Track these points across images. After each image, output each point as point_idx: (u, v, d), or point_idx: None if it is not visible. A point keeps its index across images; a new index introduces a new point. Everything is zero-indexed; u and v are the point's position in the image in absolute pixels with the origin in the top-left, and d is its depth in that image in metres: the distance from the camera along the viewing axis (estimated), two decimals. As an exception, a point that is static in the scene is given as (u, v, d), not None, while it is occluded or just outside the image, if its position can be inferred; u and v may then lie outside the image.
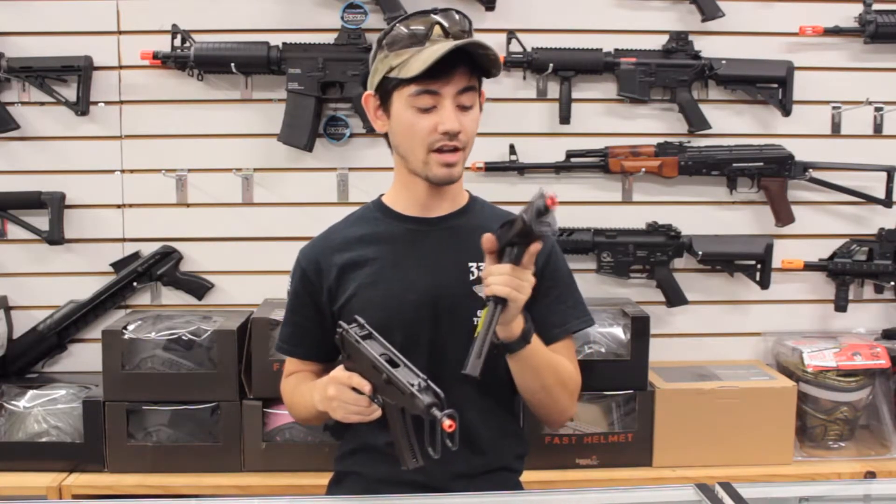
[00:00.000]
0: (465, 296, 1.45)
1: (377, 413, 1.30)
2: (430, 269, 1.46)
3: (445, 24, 1.38)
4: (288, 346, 1.57)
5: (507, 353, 1.37)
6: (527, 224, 1.24)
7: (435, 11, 1.40)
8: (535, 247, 1.27)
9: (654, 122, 2.31)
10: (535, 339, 1.39)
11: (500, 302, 1.26)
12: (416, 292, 1.44)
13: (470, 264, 1.46)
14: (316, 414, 1.45)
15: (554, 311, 1.50)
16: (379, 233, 1.50)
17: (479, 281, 1.45)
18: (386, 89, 1.42)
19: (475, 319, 1.44)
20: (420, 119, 1.39)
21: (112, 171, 2.26)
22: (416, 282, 1.45)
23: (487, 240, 1.30)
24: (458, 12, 1.42)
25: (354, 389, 1.29)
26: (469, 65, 1.38)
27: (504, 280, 1.26)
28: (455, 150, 1.40)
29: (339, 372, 1.33)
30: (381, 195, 1.56)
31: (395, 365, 1.24)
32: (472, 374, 1.22)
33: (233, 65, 2.15)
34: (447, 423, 1.13)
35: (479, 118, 1.46)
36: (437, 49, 1.33)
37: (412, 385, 1.19)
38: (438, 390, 1.18)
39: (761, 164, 2.26)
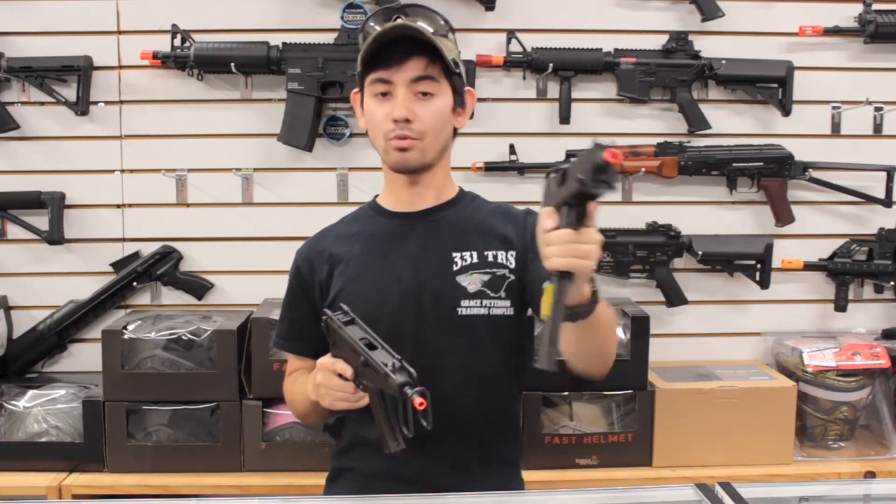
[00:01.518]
0: (449, 286, 1.45)
1: (364, 400, 1.31)
2: (414, 261, 1.47)
3: (407, 17, 1.41)
4: (284, 341, 1.59)
5: (574, 321, 1.22)
6: (584, 185, 1.06)
7: (401, 7, 1.43)
8: (594, 206, 1.12)
9: (653, 122, 2.31)
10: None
11: (566, 276, 1.11)
12: (400, 284, 1.45)
13: (454, 254, 1.47)
14: (312, 407, 1.45)
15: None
16: (369, 230, 1.52)
17: (462, 271, 1.46)
18: (361, 85, 1.46)
19: (459, 310, 1.43)
20: (378, 108, 1.42)
21: (112, 171, 2.26)
22: (401, 274, 1.46)
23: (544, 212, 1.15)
24: (425, 8, 1.45)
25: (340, 376, 1.30)
26: (428, 54, 1.39)
27: (565, 250, 1.11)
28: (406, 137, 1.41)
29: (325, 358, 1.35)
30: (377, 196, 1.58)
31: (373, 348, 1.25)
32: (548, 367, 1.09)
33: (233, 65, 2.15)
34: (418, 400, 1.14)
35: (462, 119, 1.48)
36: (379, 30, 1.38)
37: (386, 365, 1.20)
38: (412, 370, 1.19)
39: (761, 163, 2.26)
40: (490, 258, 1.47)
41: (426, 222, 1.50)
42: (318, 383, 1.34)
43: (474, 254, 1.47)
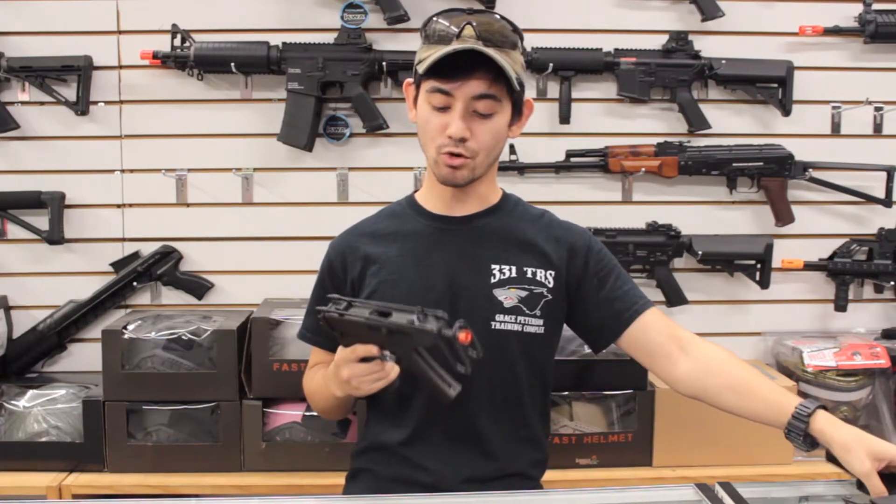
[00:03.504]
0: (484, 297, 1.43)
1: (396, 370, 1.27)
2: (451, 268, 1.44)
3: (480, 24, 1.34)
4: (312, 335, 1.56)
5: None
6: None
7: (472, 12, 1.38)
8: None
9: (654, 122, 2.31)
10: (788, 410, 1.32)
11: None
12: (435, 292, 1.42)
13: (492, 266, 1.44)
14: (336, 404, 1.45)
15: (617, 297, 1.49)
16: (405, 230, 1.49)
17: (500, 284, 1.43)
18: (416, 81, 1.41)
19: (493, 324, 1.43)
20: (433, 117, 1.37)
21: (112, 171, 2.26)
22: (437, 281, 1.43)
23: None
24: (499, 15, 1.40)
25: (364, 360, 1.26)
26: (494, 72, 1.34)
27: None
28: (460, 155, 1.37)
29: (341, 353, 1.30)
30: (415, 191, 1.55)
31: (387, 315, 1.22)
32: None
33: (233, 64, 2.15)
34: (462, 335, 1.12)
35: (515, 130, 1.43)
36: (449, 48, 1.32)
37: (412, 323, 1.17)
38: (437, 312, 1.17)
39: (761, 163, 2.26)
40: (529, 274, 1.45)
41: (467, 229, 1.47)
42: (346, 379, 1.29)
43: (513, 268, 1.45)
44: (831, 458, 1.28)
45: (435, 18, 1.38)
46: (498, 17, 1.39)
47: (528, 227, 1.50)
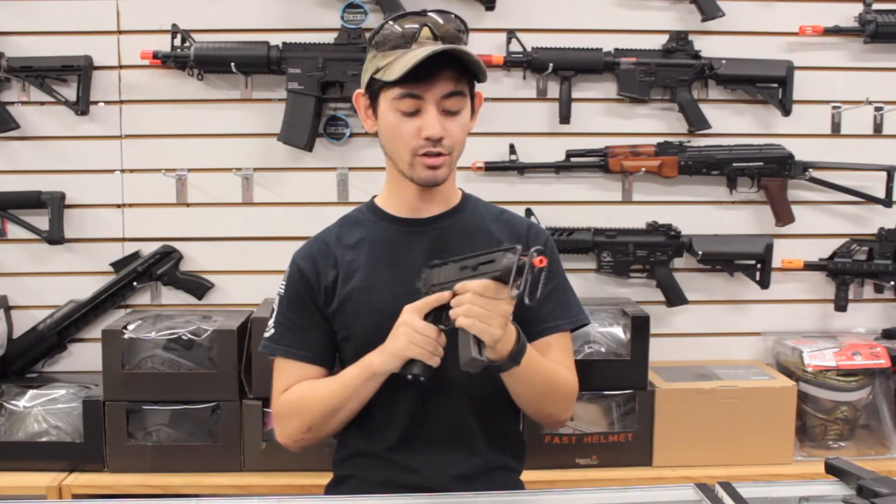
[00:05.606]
0: None
1: (441, 353, 1.32)
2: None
3: (435, 25, 1.36)
4: (293, 349, 1.49)
5: (498, 372, 1.34)
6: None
7: (424, 13, 1.38)
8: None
9: (654, 122, 2.31)
10: (528, 351, 1.35)
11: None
12: (410, 296, 1.41)
13: None
14: (366, 393, 1.40)
15: (544, 306, 1.48)
16: (372, 236, 1.49)
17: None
18: (373, 90, 1.41)
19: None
20: (403, 123, 1.37)
21: (112, 171, 2.26)
22: (410, 284, 1.42)
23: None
24: (451, 14, 1.40)
25: (428, 316, 1.31)
26: (457, 69, 1.35)
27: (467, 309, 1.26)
28: (440, 154, 1.38)
29: (410, 307, 1.33)
30: (374, 197, 1.56)
31: (472, 257, 1.29)
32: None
33: (233, 64, 2.15)
34: (538, 258, 1.17)
35: (471, 123, 1.44)
36: (418, 52, 1.32)
37: (504, 250, 1.22)
38: (509, 246, 1.23)
39: (761, 163, 2.26)
40: None
41: (433, 230, 1.48)
42: (399, 323, 1.33)
43: None
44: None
45: (388, 25, 1.38)
46: (448, 14, 1.40)
47: (491, 225, 1.51)
